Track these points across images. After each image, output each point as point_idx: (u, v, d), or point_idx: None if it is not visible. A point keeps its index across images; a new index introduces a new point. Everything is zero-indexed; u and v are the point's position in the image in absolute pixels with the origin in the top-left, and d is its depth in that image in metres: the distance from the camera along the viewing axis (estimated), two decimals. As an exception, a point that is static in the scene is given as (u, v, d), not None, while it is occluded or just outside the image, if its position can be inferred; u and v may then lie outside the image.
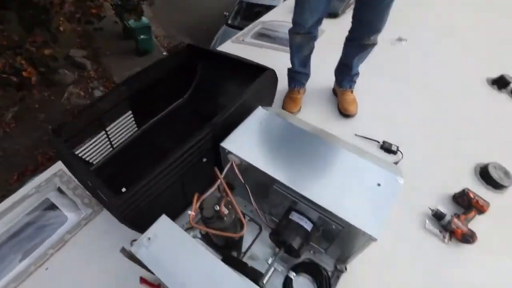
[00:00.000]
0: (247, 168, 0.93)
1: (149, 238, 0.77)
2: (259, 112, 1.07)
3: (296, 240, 0.86)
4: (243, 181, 0.95)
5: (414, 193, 1.28)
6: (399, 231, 1.17)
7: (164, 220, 0.81)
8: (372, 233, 0.75)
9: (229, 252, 1.03)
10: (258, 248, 1.07)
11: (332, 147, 0.97)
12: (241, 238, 1.08)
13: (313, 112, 1.57)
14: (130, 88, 1.41)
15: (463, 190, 1.23)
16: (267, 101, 1.40)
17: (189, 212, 0.85)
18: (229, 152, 0.95)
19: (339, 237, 0.86)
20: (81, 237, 1.20)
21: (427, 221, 1.20)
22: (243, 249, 1.07)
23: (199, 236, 1.10)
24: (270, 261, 1.03)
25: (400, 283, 1.05)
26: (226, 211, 0.88)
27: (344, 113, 1.53)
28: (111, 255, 0.99)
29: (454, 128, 1.57)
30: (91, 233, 1.21)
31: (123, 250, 0.77)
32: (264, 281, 0.99)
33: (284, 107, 1.54)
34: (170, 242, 0.77)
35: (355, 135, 1.47)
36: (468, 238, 1.13)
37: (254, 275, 0.81)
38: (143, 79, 1.45)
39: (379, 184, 0.85)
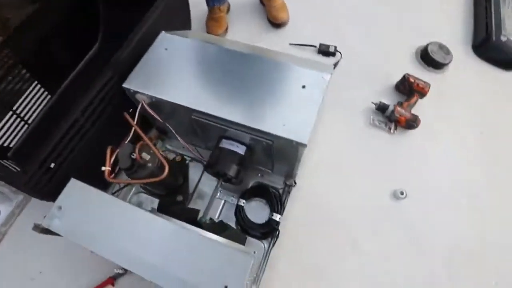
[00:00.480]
0: (160, 104, 0.81)
1: (60, 208, 0.68)
2: (163, 38, 0.91)
3: (231, 167, 0.80)
4: (161, 120, 0.84)
5: (357, 90, 1.24)
6: (345, 132, 1.15)
7: (74, 184, 0.70)
8: (300, 139, 0.69)
9: (175, 198, 0.97)
10: (205, 185, 1.02)
11: (255, 61, 0.85)
12: (185, 180, 1.02)
13: (242, 30, 1.40)
14: (17, 50, 1.16)
15: (404, 76, 1.19)
16: (182, 25, 1.20)
17: (103, 168, 0.75)
18: (136, 92, 0.82)
19: (274, 152, 0.80)
20: (19, 226, 1.10)
21: (371, 116, 1.18)
22: (191, 190, 1.02)
23: (142, 190, 1.03)
24: (218, 195, 0.99)
25: (350, 181, 1.06)
26: (147, 157, 0.79)
27: (275, 22, 1.37)
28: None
29: (392, 15, 1.47)
30: (29, 219, 1.10)
31: (35, 228, 0.68)
32: (216, 216, 0.97)
33: (208, 31, 1.36)
34: (85, 205, 0.68)
35: (290, 44, 1.34)
36: (411, 123, 1.13)
37: (192, 214, 0.76)
38: (30, 34, 1.19)
39: (304, 86, 0.77)
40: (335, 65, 1.29)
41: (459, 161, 1.12)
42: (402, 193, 1.02)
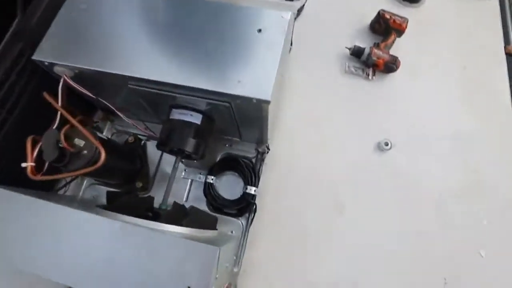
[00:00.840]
0: (88, 76, 0.65)
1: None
2: (78, -9, 0.72)
3: (188, 141, 0.67)
4: (93, 96, 0.68)
5: (327, 35, 1.09)
6: (318, 83, 1.02)
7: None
8: (261, 95, 0.56)
9: (133, 185, 0.84)
10: (169, 165, 0.89)
11: (200, 7, 0.68)
12: (143, 163, 0.88)
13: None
14: None
15: (378, 13, 1.05)
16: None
17: (24, 164, 0.61)
18: (52, 64, 0.64)
19: (236, 116, 0.67)
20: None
21: (346, 63, 1.05)
22: (153, 174, 0.89)
23: (95, 181, 0.89)
24: (183, 174, 0.87)
25: (329, 138, 0.95)
26: (81, 143, 0.64)
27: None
28: None
29: None
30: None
31: None
32: (184, 198, 0.85)
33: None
34: (3, 214, 0.54)
35: (247, -9, 1.15)
36: (391, 65, 1.01)
37: (146, 204, 0.64)
38: None
39: (260, 30, 0.62)
40: (301, 9, 1.12)
41: (444, 101, 1.03)
42: (387, 144, 0.93)
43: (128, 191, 0.81)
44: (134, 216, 0.55)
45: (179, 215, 0.59)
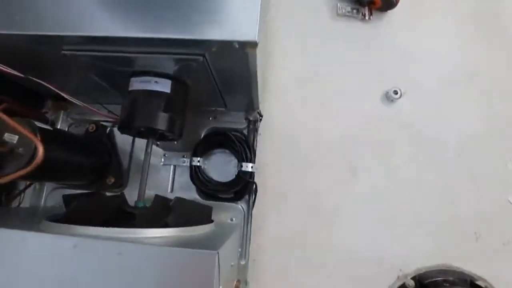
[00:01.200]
0: (6, 46, 0.47)
1: None
2: None
3: (158, 117, 0.51)
4: (19, 75, 0.51)
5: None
6: (308, 32, 0.87)
7: None
8: (244, 36, 0.40)
9: (104, 182, 0.69)
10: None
11: None
12: (112, 155, 0.72)
13: None
14: None
15: None
16: None
17: None
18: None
19: (215, 75, 0.52)
20: None
21: (338, 4, 0.88)
22: (126, 165, 0.74)
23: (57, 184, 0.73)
24: (163, 161, 0.72)
25: (330, 94, 0.81)
26: (14, 138, 0.48)
27: None
28: None
29: None
30: None
31: None
32: (168, 189, 0.71)
33: None
34: None
35: None
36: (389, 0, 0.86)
37: (114, 204, 0.49)
38: None
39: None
40: None
41: (452, 36, 0.89)
42: (396, 93, 0.80)
43: (99, 190, 0.66)
44: (99, 224, 0.40)
45: (161, 212, 0.45)
